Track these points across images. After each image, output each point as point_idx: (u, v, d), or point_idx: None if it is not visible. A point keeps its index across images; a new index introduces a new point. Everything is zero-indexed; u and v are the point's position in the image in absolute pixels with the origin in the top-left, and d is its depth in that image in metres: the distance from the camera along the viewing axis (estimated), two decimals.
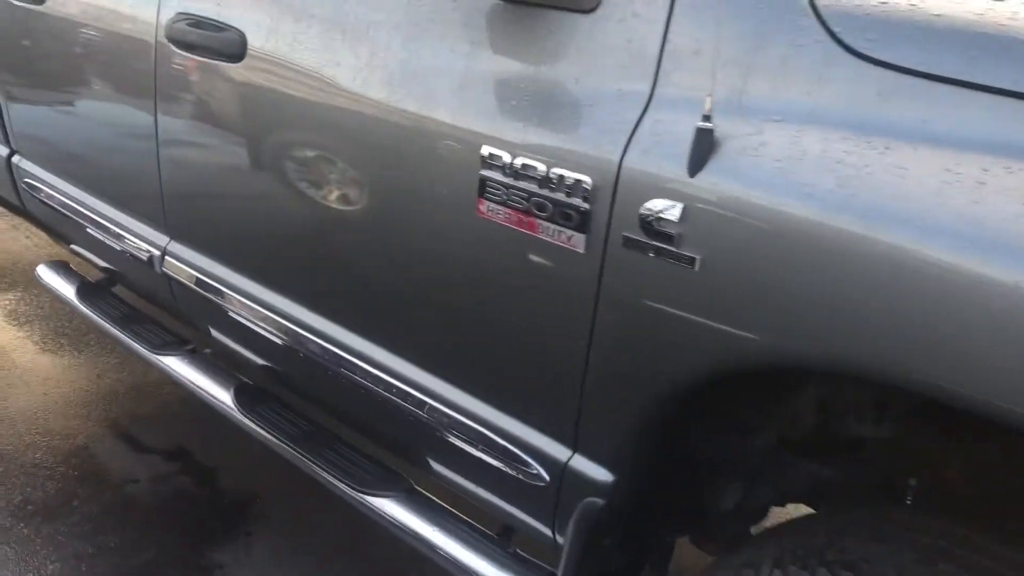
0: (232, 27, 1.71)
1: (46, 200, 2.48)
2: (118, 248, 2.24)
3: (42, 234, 4.25)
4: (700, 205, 1.08)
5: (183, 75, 1.85)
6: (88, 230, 2.36)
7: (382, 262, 1.54)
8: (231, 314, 1.94)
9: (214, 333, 2.16)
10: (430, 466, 1.67)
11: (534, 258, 1.28)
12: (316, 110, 1.58)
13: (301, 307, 1.76)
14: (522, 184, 1.26)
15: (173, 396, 2.92)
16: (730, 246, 1.06)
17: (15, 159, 2.58)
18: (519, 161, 1.26)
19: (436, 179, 1.39)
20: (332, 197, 1.59)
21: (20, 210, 2.74)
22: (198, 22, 1.79)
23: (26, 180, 2.54)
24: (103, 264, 2.56)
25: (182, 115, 1.88)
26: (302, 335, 1.76)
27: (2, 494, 2.41)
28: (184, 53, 1.82)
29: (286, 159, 1.66)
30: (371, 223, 1.53)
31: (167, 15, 1.86)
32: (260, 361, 2.06)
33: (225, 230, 1.90)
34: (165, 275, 2.08)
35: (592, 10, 1.23)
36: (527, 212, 1.26)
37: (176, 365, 2.19)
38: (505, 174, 1.28)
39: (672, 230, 1.10)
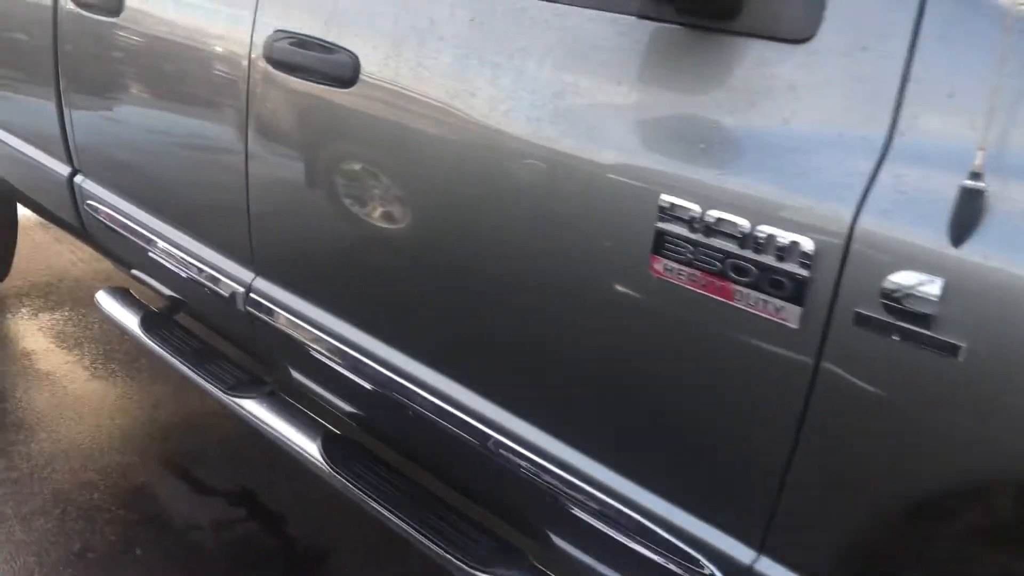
0: (343, 49, 1.54)
1: (111, 224, 2.32)
2: (193, 281, 2.07)
3: (87, 249, 4.12)
4: (968, 282, 0.89)
5: (281, 98, 1.68)
6: (157, 259, 2.19)
7: (524, 320, 1.36)
8: (324, 360, 1.77)
9: (296, 375, 1.99)
10: (555, 544, 1.49)
11: (726, 330, 1.09)
12: (443, 144, 1.40)
13: (418, 363, 1.58)
14: (715, 242, 1.08)
15: (234, 432, 2.75)
16: (1008, 334, 0.87)
17: (78, 179, 2.42)
18: (712, 215, 1.08)
19: (596, 229, 1.21)
20: (457, 242, 1.42)
21: (80, 233, 2.58)
22: (302, 42, 1.62)
23: (90, 202, 2.38)
24: (168, 292, 2.40)
25: (278, 142, 1.71)
26: (418, 393, 1.58)
27: (61, 541, 2.25)
28: (284, 75, 1.65)
29: (402, 197, 1.49)
30: (510, 274, 1.35)
31: (264, 32, 1.69)
32: (348, 408, 1.88)
33: (324, 270, 1.73)
34: (248, 313, 1.91)
35: (806, 40, 1.05)
36: (720, 275, 1.08)
37: (255, 409, 2.01)
38: (692, 229, 1.10)
39: (929, 310, 0.91)
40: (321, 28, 1.59)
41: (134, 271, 2.53)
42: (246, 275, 1.90)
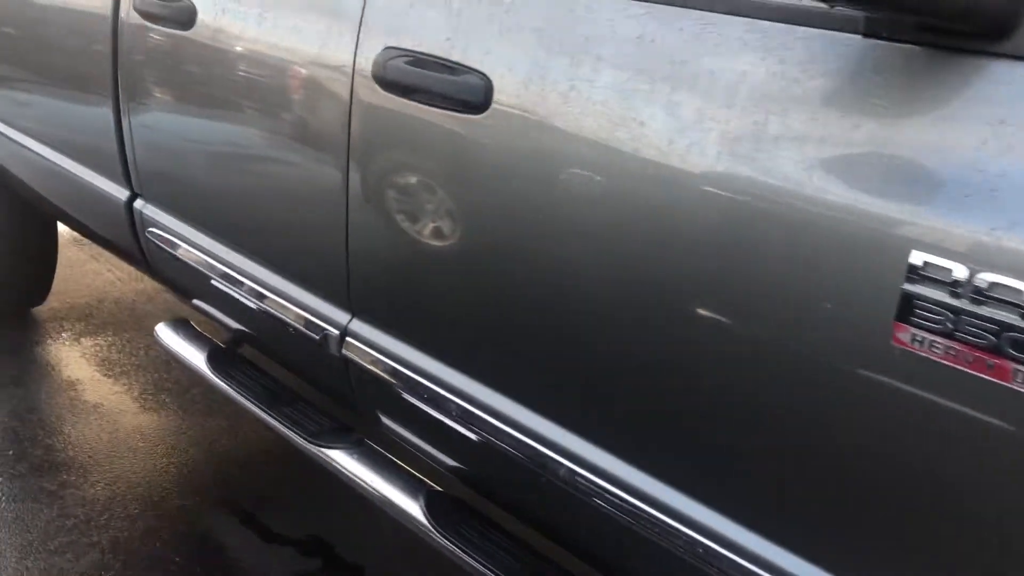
0: (472, 70, 1.35)
1: (177, 254, 2.14)
2: (273, 319, 1.89)
3: (126, 267, 3.95)
4: None
5: (393, 124, 1.50)
6: (230, 293, 2.01)
7: (703, 389, 1.17)
8: (429, 409, 1.58)
9: (388, 423, 1.81)
10: None
11: (1001, 420, 0.90)
12: (603, 181, 1.21)
13: (550, 423, 1.39)
14: (988, 311, 0.89)
15: (298, 471, 2.57)
16: None
17: (138, 204, 2.24)
18: (984, 278, 0.89)
19: (815, 288, 1.02)
20: (617, 300, 1.23)
21: (138, 261, 2.40)
22: (419, 60, 1.44)
23: (153, 230, 2.20)
24: (235, 325, 2.22)
25: (388, 174, 1.53)
26: (545, 454, 1.39)
27: None
28: (396, 97, 1.47)
29: (540, 241, 1.30)
30: (687, 340, 1.16)
31: (371, 48, 1.51)
32: (451, 462, 1.70)
33: (438, 315, 1.54)
34: (344, 358, 1.72)
35: None
36: (994, 352, 0.89)
37: (344, 460, 1.83)
38: (955, 294, 0.91)
39: None
40: (443, 46, 1.40)
41: (195, 301, 2.35)
42: (341, 316, 1.72)
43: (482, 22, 1.37)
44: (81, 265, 3.95)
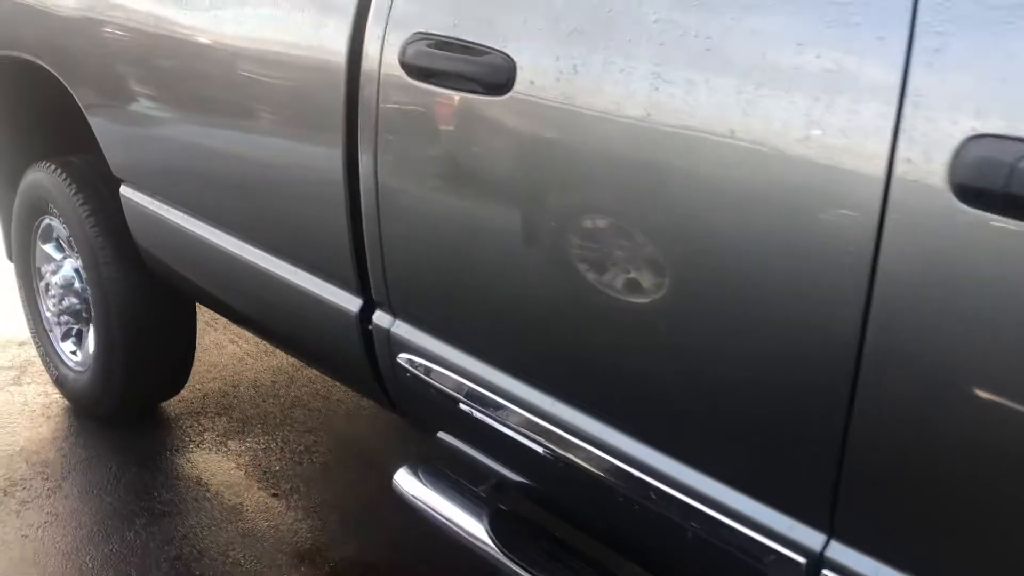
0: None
1: (447, 389, 1.56)
2: (615, 487, 1.32)
3: (252, 338, 3.39)
4: None
5: None
6: (536, 450, 1.44)
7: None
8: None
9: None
10: None
11: None
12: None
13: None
14: None
15: None
16: None
17: (381, 319, 1.66)
18: None
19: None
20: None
21: (370, 390, 1.82)
22: None
23: (408, 357, 1.62)
24: (518, 479, 1.65)
25: None
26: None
27: None
28: None
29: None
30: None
31: None
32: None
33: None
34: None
35: None
36: None
37: None
38: None
39: None
40: None
41: (442, 435, 1.78)
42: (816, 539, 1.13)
43: None
44: (199, 336, 3.39)
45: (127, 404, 2.72)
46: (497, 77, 1.30)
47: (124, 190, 2.32)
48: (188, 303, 2.63)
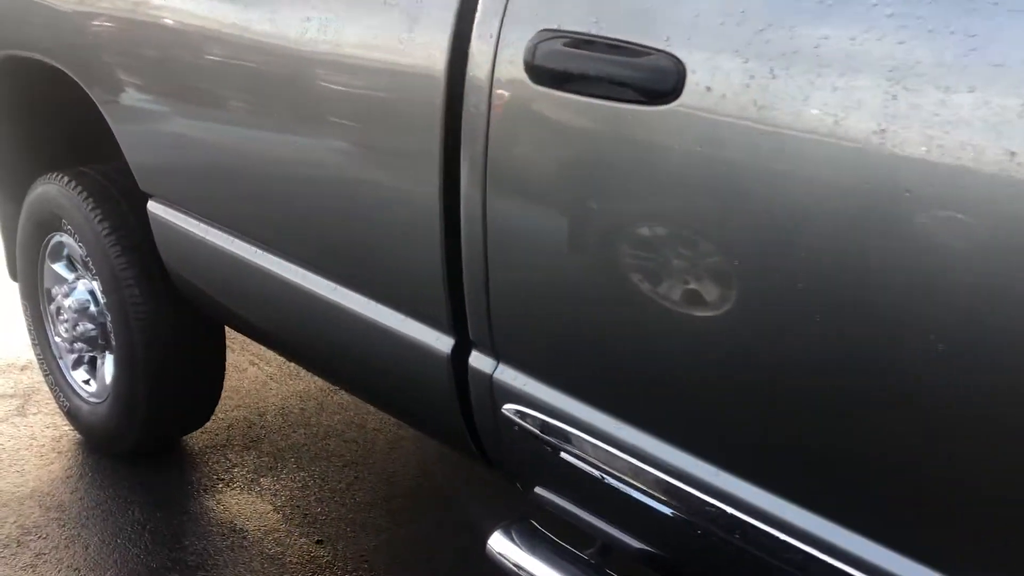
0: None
1: (571, 450, 1.33)
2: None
3: (272, 355, 3.14)
4: None
5: None
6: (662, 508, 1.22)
7: None
8: None
9: None
10: None
11: None
12: None
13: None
14: None
15: None
16: None
17: (480, 361, 1.43)
18: None
19: None
20: None
21: (463, 447, 1.58)
22: None
23: (516, 408, 1.39)
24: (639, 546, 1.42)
25: None
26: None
27: None
28: None
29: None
30: None
31: None
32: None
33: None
34: None
35: None
36: None
37: None
38: None
39: None
40: None
41: (540, 490, 1.55)
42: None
43: None
44: None
45: (149, 438, 2.47)
46: (661, 83, 1.07)
47: (152, 206, 2.07)
48: (217, 326, 2.39)
